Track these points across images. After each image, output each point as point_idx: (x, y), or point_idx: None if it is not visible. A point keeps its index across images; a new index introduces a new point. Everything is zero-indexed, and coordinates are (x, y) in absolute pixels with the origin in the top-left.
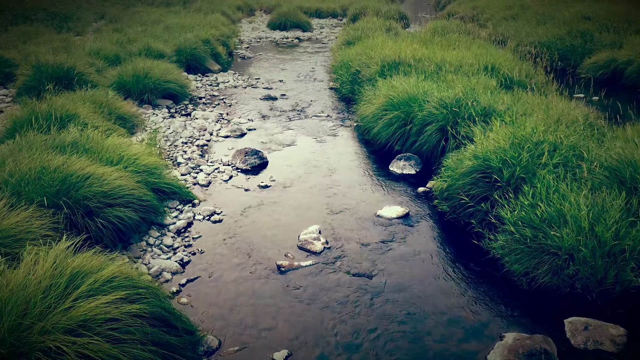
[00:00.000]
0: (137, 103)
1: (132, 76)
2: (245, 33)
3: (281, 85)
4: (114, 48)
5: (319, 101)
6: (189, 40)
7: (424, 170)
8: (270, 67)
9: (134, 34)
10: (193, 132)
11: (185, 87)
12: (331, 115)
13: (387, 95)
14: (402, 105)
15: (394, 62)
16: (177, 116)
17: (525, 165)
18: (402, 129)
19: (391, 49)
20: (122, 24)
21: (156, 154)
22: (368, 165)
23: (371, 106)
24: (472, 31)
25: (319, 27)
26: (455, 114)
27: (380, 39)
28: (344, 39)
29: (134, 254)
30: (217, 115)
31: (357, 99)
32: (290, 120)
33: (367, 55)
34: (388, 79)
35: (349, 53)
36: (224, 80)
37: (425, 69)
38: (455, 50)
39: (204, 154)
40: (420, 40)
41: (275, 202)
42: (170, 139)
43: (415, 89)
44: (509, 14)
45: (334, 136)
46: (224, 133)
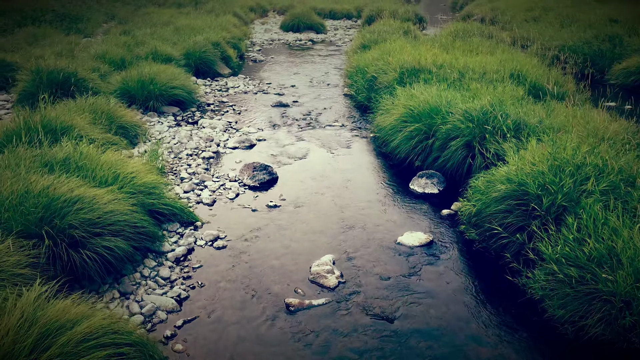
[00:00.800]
0: (142, 110)
1: (136, 82)
2: (258, 35)
3: (293, 91)
4: (120, 51)
5: (333, 109)
6: (198, 43)
7: (447, 190)
8: (282, 71)
9: (142, 36)
10: (199, 143)
11: (192, 93)
12: (346, 124)
13: (407, 105)
14: (423, 117)
15: (413, 69)
16: (183, 124)
17: (567, 192)
18: (423, 143)
19: (410, 54)
20: (131, 25)
21: (156, 171)
22: (386, 182)
23: (389, 117)
24: (493, 34)
25: (333, 29)
26: (482, 128)
27: (398, 43)
28: (359, 42)
29: (126, 289)
30: (226, 124)
31: (374, 108)
32: (302, 130)
33: (385, 61)
34: (407, 87)
35: (365, 58)
36: (233, 85)
37: (447, 77)
38: (478, 56)
39: (209, 168)
40: (440, 44)
41: (284, 225)
42: (175, 150)
43: (437, 99)
44: (531, 15)
45: (348, 148)
46: (232, 144)
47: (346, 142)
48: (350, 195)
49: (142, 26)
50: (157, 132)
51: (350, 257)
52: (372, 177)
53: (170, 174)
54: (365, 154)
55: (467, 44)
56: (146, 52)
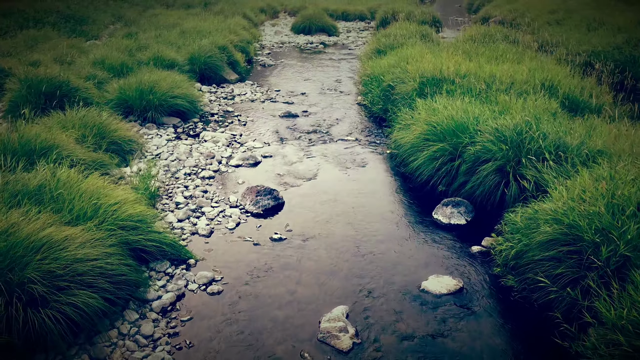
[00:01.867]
0: (140, 122)
1: (135, 91)
2: (267, 37)
3: (303, 99)
4: (120, 57)
5: (346, 120)
6: (204, 47)
7: (476, 220)
8: (292, 77)
9: (145, 39)
10: (199, 160)
11: (195, 102)
12: (360, 138)
13: (429, 121)
14: (447, 135)
15: (434, 78)
16: (183, 137)
17: (631, 239)
18: (448, 165)
19: (430, 62)
20: (136, 27)
21: (146, 199)
22: (406, 209)
23: (409, 133)
24: (516, 38)
25: (346, 31)
26: (517, 150)
27: (416, 49)
28: (373, 46)
29: (98, 353)
30: (229, 137)
31: (391, 120)
32: (312, 144)
33: (402, 69)
34: (428, 99)
35: (381, 64)
36: (240, 92)
37: (471, 87)
38: (505, 64)
39: (208, 190)
40: (462, 50)
41: (290, 264)
42: (172, 169)
43: (463, 114)
44: (553, 18)
45: (363, 167)
46: (235, 161)
47: (360, 160)
48: (366, 225)
49: (148, 28)
50: (155, 146)
51: (367, 307)
52: (390, 203)
53: (164, 197)
54: (382, 175)
55: (491, 51)
56: (148, 57)
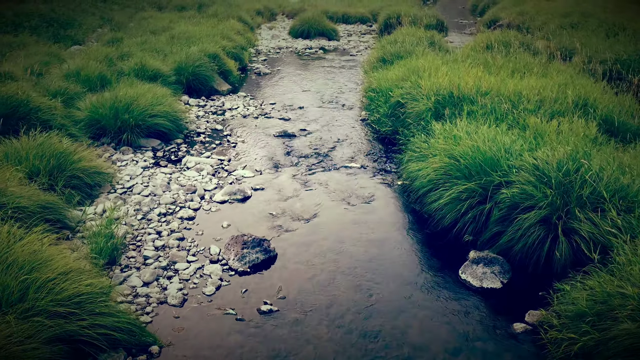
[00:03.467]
0: (114, 145)
1: (109, 109)
2: (264, 42)
3: (301, 114)
4: (98, 67)
5: (349, 140)
6: (192, 55)
7: (515, 283)
8: (289, 87)
9: (130, 46)
10: (178, 194)
11: (180, 119)
12: (366, 164)
13: (450, 152)
14: (474, 171)
15: (451, 96)
16: (162, 164)
17: None
18: (476, 208)
19: (446, 76)
20: (123, 32)
21: (101, 264)
22: (426, 265)
23: (426, 165)
24: (532, 44)
25: (346, 35)
26: (565, 195)
27: (428, 59)
28: (378, 54)
29: None
30: (216, 164)
31: (401, 144)
32: (311, 172)
33: (413, 83)
34: (447, 123)
35: (387, 77)
36: (232, 106)
37: (495, 107)
38: (530, 78)
39: (185, 237)
40: (479, 61)
41: (282, 351)
42: (144, 208)
43: (491, 144)
44: (568, 22)
45: (370, 203)
46: (221, 196)
47: (367, 193)
48: (377, 289)
49: (136, 33)
50: (128, 176)
51: None
52: (406, 256)
53: (131, 247)
54: (393, 215)
55: (512, 62)
56: (130, 68)
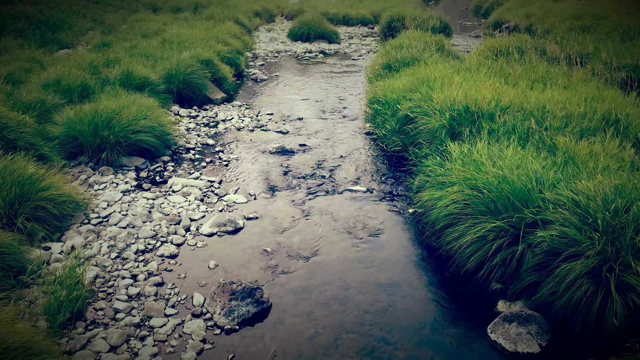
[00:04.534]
0: (93, 165)
1: (87, 124)
2: (262, 45)
3: (301, 127)
4: (81, 75)
5: (353, 158)
6: (183, 62)
7: (556, 346)
8: (287, 95)
9: (118, 51)
10: (160, 225)
11: (167, 134)
12: (372, 187)
13: (471, 181)
14: (500, 205)
15: (467, 110)
16: (146, 186)
17: None
18: (505, 251)
19: (459, 87)
20: (114, 35)
21: (55, 329)
22: (447, 319)
23: (442, 195)
24: (550, 53)
25: (347, 37)
26: (616, 241)
27: (438, 68)
28: (382, 60)
29: None
30: (205, 186)
31: (412, 164)
32: (310, 197)
33: (424, 95)
34: (465, 145)
35: (393, 86)
36: (225, 116)
37: (517, 124)
38: (553, 90)
39: (165, 282)
40: (493, 69)
41: None
42: (119, 244)
43: (519, 172)
44: (579, 25)
45: (378, 236)
46: (208, 227)
47: (375, 224)
48: (391, 351)
49: (127, 36)
50: (105, 203)
51: None
52: (422, 305)
53: (100, 296)
54: (406, 251)
55: (530, 70)
56: (116, 75)
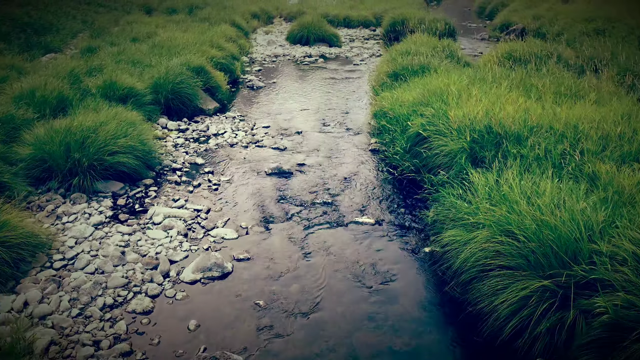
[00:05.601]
0: (63, 192)
1: (58, 145)
2: (259, 48)
3: (299, 142)
4: (59, 86)
5: (358, 181)
6: (172, 69)
7: None
8: (286, 105)
9: (104, 57)
10: (134, 270)
11: (151, 153)
12: (381, 218)
13: (502, 223)
14: (542, 257)
15: (490, 131)
16: (122, 217)
17: None
18: (551, 316)
19: (477, 102)
20: (102, 39)
21: None
22: None
23: (467, 237)
24: (563, 55)
25: (348, 40)
26: None
27: (451, 78)
28: (388, 68)
29: None
30: (190, 217)
31: (427, 192)
32: (311, 230)
33: (437, 111)
34: (491, 174)
35: (403, 99)
36: (218, 130)
37: (549, 148)
38: (583, 106)
39: (133, 351)
40: (511, 80)
41: None
42: (83, 297)
43: (563, 215)
44: (592, 27)
45: (392, 283)
46: (191, 274)
47: (386, 267)
48: None
49: (116, 40)
50: (74, 240)
51: None
52: None
53: None
54: (425, 305)
55: (554, 81)
56: (99, 85)
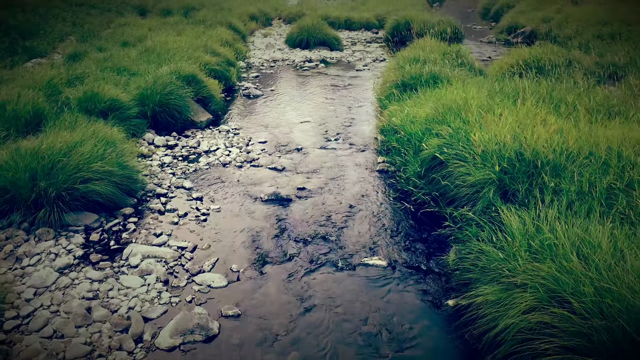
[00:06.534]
0: (27, 226)
1: (23, 171)
2: (257, 52)
3: (299, 161)
4: (34, 98)
5: (365, 209)
6: (161, 79)
7: None
8: (284, 116)
9: (88, 65)
10: (100, 334)
11: (132, 177)
12: (394, 259)
13: (551, 287)
14: (609, 338)
15: (519, 157)
16: (94, 258)
17: None
18: None
19: (504, 122)
20: (91, 43)
21: None
22: None
23: (505, 302)
24: (582, 61)
25: (350, 43)
26: None
27: (469, 92)
28: (394, 76)
29: None
30: (173, 258)
31: (448, 231)
32: (313, 275)
33: (456, 131)
34: (529, 218)
35: (414, 115)
36: (209, 146)
37: (592, 181)
38: (624, 125)
39: None
40: (535, 93)
41: None
42: None
43: (630, 277)
44: (606, 31)
45: (412, 349)
46: (169, 338)
47: (404, 327)
48: None
49: (106, 44)
50: (33, 290)
51: None
52: None
53: None
54: None
55: (585, 95)
56: (78, 97)
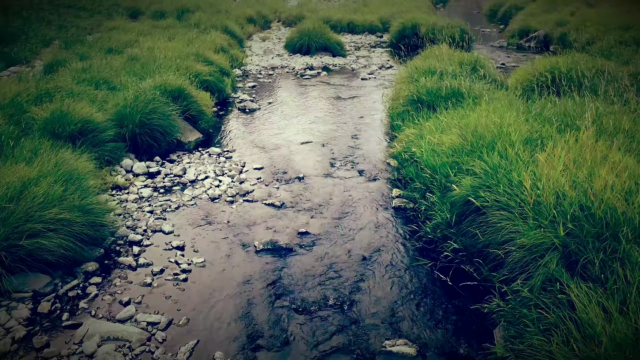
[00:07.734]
0: None
1: None
2: (254, 59)
3: (300, 192)
4: None
5: (382, 266)
6: (143, 94)
7: None
8: (283, 135)
9: (63, 76)
10: None
11: (99, 220)
12: (424, 342)
13: None
14: None
15: (589, 215)
16: (37, 341)
17: None
18: None
19: (557, 162)
20: (73, 50)
21: None
22: None
23: None
24: (614, 72)
25: (353, 48)
26: None
27: (506, 117)
28: (408, 91)
29: None
30: (140, 341)
31: (494, 306)
32: None
33: (494, 169)
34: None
35: (437, 143)
36: (197, 175)
37: None
38: None
39: None
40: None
41: None
42: None
43: None
44: (630, 36)
45: None
46: None
47: None
48: None
49: (89, 51)
50: None
51: None
52: None
53: None
54: None
55: (623, 117)
56: (45, 117)
